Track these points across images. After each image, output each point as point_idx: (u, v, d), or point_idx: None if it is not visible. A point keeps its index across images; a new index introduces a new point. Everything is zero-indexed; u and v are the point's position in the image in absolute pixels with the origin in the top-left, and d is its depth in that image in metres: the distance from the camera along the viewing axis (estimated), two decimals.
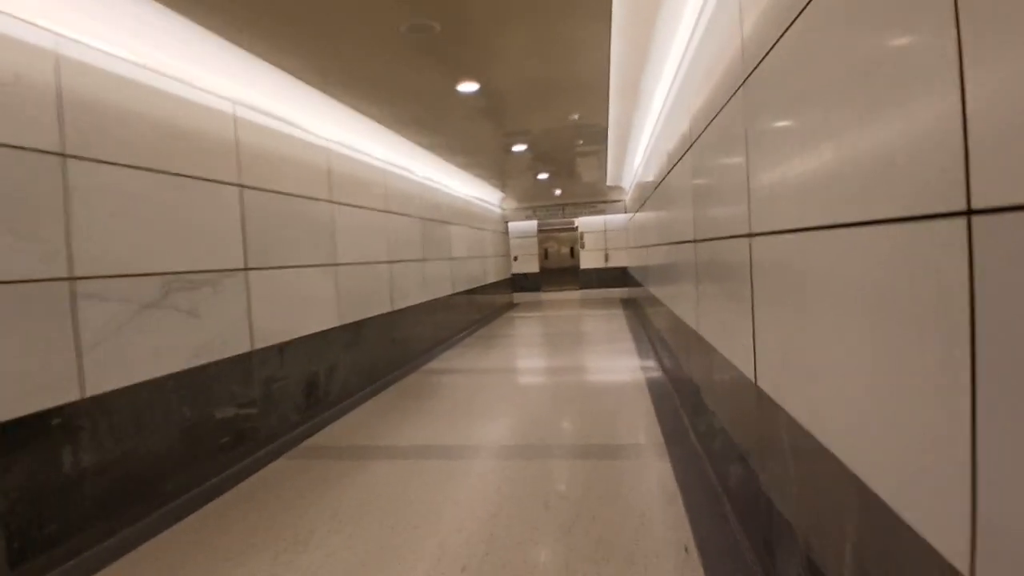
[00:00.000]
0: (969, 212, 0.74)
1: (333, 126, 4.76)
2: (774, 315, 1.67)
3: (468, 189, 9.65)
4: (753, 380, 1.91)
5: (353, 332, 4.88)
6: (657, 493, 2.71)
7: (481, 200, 10.75)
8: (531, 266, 16.33)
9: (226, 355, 3.27)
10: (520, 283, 15.95)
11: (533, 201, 13.38)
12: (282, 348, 3.85)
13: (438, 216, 7.62)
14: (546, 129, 6.08)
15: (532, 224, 16.17)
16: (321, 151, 4.54)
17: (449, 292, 7.94)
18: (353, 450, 3.61)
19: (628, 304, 11.64)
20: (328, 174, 4.62)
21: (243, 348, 3.44)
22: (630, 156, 8.68)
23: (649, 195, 6.22)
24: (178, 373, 2.89)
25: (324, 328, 4.41)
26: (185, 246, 2.99)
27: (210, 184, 3.23)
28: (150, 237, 2.77)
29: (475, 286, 9.64)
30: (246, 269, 3.49)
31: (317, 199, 4.42)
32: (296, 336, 4.03)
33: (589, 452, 3.34)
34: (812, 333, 1.36)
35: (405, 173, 6.45)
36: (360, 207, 5.14)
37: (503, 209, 13.18)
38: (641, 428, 3.71)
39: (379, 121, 5.20)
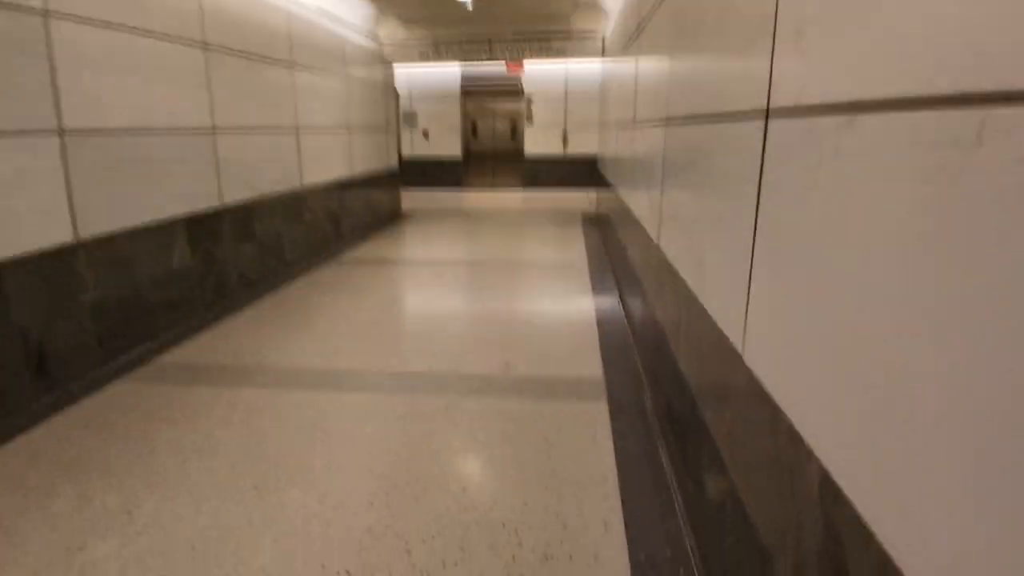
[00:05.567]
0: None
1: None
2: None
3: None
4: None
5: None
6: None
7: None
8: (450, 147, 10.59)
9: None
10: (431, 174, 10.37)
11: (434, 26, 7.39)
12: None
13: None
14: None
15: (452, 75, 10.14)
16: None
17: (43, 243, 2.58)
18: None
19: (595, 224, 6.46)
20: None
21: None
22: None
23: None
24: None
25: None
26: None
27: None
28: None
29: (239, 200, 4.20)
30: None
31: None
32: None
33: None
34: None
35: None
36: None
37: (380, 43, 7.21)
38: None
39: None
